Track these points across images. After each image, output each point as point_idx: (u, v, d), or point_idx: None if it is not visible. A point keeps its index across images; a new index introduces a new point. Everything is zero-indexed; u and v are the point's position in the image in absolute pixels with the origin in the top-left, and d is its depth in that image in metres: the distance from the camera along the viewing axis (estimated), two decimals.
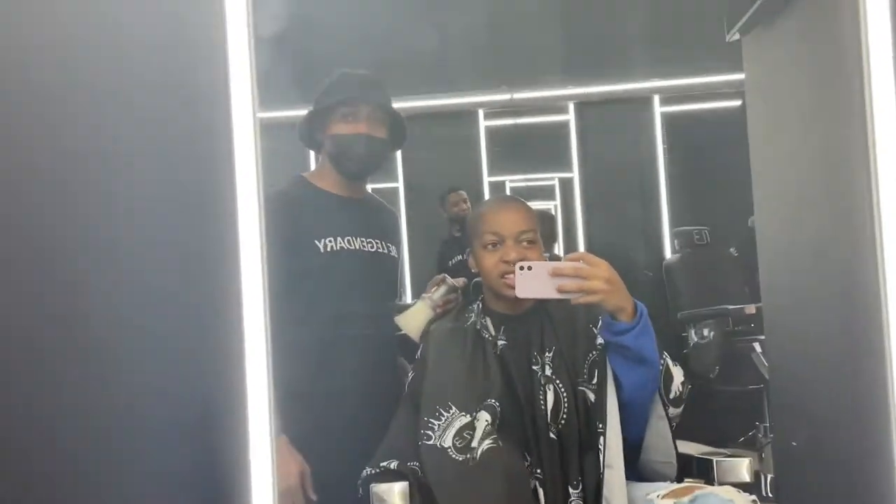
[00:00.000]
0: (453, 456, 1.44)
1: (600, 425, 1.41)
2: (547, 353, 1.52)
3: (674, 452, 1.47)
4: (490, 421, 1.45)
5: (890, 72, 1.11)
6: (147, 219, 1.06)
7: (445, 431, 1.48)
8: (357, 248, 1.79)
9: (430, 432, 1.49)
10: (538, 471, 1.45)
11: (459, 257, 4.24)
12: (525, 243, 1.53)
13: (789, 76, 1.55)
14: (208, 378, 1.05)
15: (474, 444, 1.44)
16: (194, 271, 1.05)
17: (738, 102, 4.60)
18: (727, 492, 1.31)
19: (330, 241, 1.75)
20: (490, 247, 1.55)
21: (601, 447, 1.40)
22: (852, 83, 1.18)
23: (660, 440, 1.47)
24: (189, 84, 1.07)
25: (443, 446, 1.46)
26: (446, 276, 1.87)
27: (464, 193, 4.40)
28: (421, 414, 1.53)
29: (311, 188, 1.83)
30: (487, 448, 1.42)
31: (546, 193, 5.01)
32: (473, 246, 1.60)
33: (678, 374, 1.49)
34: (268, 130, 1.09)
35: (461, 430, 1.47)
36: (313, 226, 1.76)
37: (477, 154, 4.91)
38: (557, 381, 1.48)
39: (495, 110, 4.91)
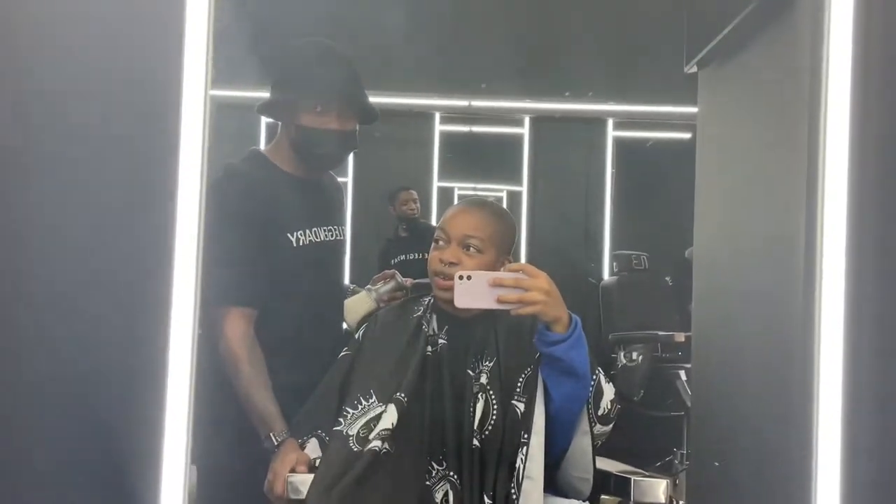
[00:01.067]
0: (351, 446, 1.43)
1: (525, 436, 1.43)
2: (486, 363, 1.52)
3: (591, 469, 1.49)
4: (393, 422, 1.44)
5: (845, 121, 1.15)
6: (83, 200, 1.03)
7: (357, 420, 1.47)
8: (322, 239, 1.77)
9: (342, 419, 1.49)
10: (452, 474, 1.45)
11: (402, 257, 4.23)
12: (470, 249, 1.52)
13: (741, 114, 1.59)
14: (129, 368, 1.03)
15: (370, 436, 1.44)
16: (124, 261, 1.03)
17: (688, 135, 4.73)
18: None
19: (301, 235, 1.72)
20: (438, 243, 1.56)
21: (522, 458, 1.41)
22: (801, 128, 1.22)
23: (581, 455, 1.49)
24: (140, 56, 1.05)
25: (348, 434, 1.46)
26: (396, 272, 1.86)
27: (414, 193, 4.38)
28: (341, 402, 1.53)
29: (273, 170, 1.75)
30: (370, 448, 1.42)
31: None
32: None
33: (609, 391, 1.50)
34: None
35: (371, 420, 1.46)
36: (284, 217, 1.71)
37: (429, 157, 4.92)
38: (490, 392, 1.48)
39: (452, 115, 4.93)
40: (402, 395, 1.48)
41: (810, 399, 1.15)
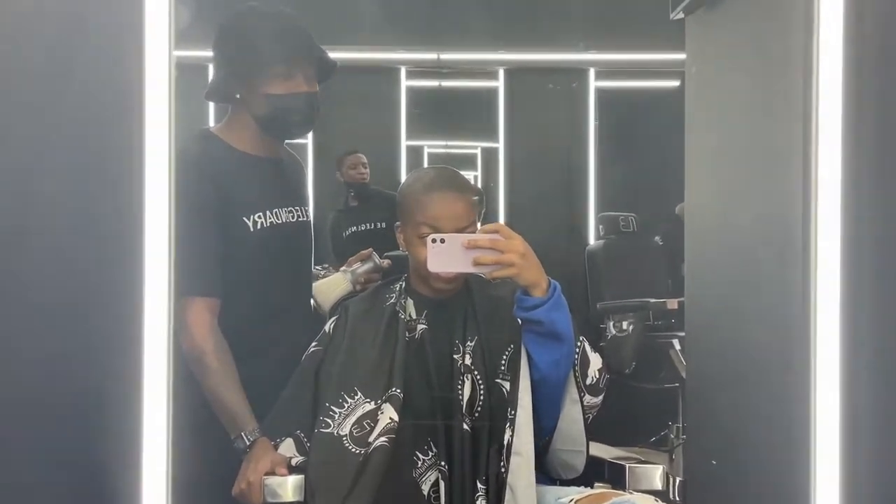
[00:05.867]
0: (348, 446, 1.46)
1: (511, 412, 1.46)
2: (469, 342, 1.55)
3: (584, 441, 1.53)
4: (393, 418, 1.47)
5: (838, 67, 1.16)
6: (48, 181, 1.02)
7: (346, 419, 1.49)
8: (284, 220, 1.77)
9: (329, 420, 1.50)
10: (442, 463, 1.48)
11: (354, 228, 4.15)
12: None
13: (731, 62, 1.60)
14: (103, 360, 1.03)
15: (371, 438, 1.46)
16: (95, 242, 1.03)
17: (676, 83, 4.73)
18: (645, 500, 1.37)
19: (259, 217, 1.71)
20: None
21: (509, 434, 1.44)
22: (794, 75, 1.23)
23: (571, 426, 1.53)
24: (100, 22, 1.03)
25: (340, 434, 1.48)
26: (373, 252, 1.86)
27: (362, 157, 4.24)
28: (322, 399, 1.54)
29: (226, 148, 1.75)
30: (379, 445, 1.44)
31: (467, 162, 5.04)
32: (406, 229, 1.60)
33: (596, 359, 1.54)
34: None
35: (362, 418, 1.49)
36: (239, 199, 1.70)
37: (396, 115, 4.87)
38: (475, 372, 1.52)
39: (419, 69, 4.88)
40: (397, 389, 1.50)
41: (809, 364, 1.18)
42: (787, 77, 1.27)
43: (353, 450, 1.46)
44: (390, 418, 1.47)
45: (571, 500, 1.42)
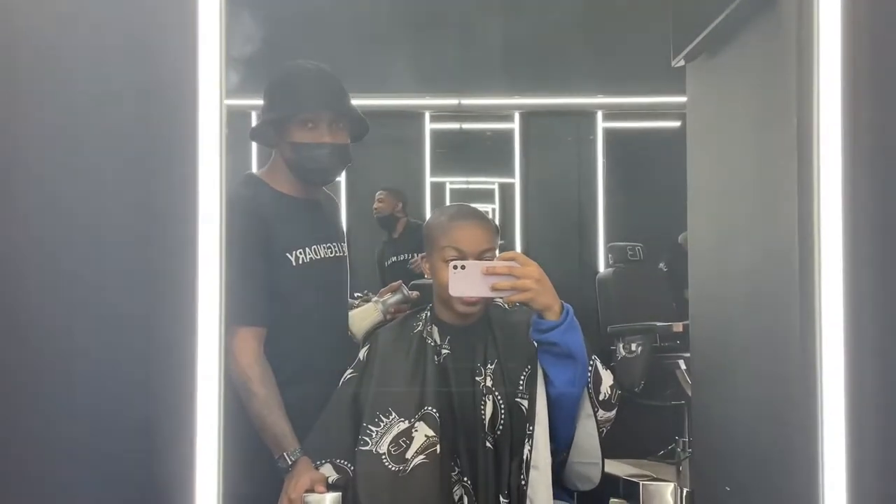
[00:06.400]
0: (386, 464, 1.47)
1: (530, 427, 1.45)
2: (489, 365, 1.55)
3: (599, 454, 1.53)
4: (430, 435, 1.47)
5: (836, 109, 1.16)
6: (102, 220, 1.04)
7: (383, 437, 1.50)
8: (323, 256, 1.78)
9: (367, 438, 1.51)
10: (466, 479, 1.47)
11: (393, 258, 4.21)
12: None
13: (730, 104, 1.61)
14: (156, 387, 1.04)
15: (409, 454, 1.46)
16: (150, 271, 1.04)
17: (678, 123, 4.74)
18: None
19: (300, 254, 1.73)
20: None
21: (528, 449, 1.43)
22: (789, 114, 1.23)
23: (587, 439, 1.53)
24: (155, 68, 1.05)
25: (378, 452, 1.48)
26: (402, 283, 1.87)
27: (381, 193, 4.31)
28: (362, 420, 1.54)
29: (269, 191, 1.77)
30: (420, 463, 1.44)
31: (486, 196, 5.07)
32: (432, 256, 1.61)
33: (607, 377, 1.54)
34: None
35: (398, 436, 1.49)
36: (283, 237, 1.72)
37: (421, 155, 4.92)
38: (496, 393, 1.52)
39: (442, 113, 4.93)
40: (431, 408, 1.50)
41: (812, 381, 1.16)
42: (783, 115, 1.26)
43: (392, 467, 1.46)
44: (426, 436, 1.47)
45: None
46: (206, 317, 1.03)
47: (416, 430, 1.48)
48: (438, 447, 1.46)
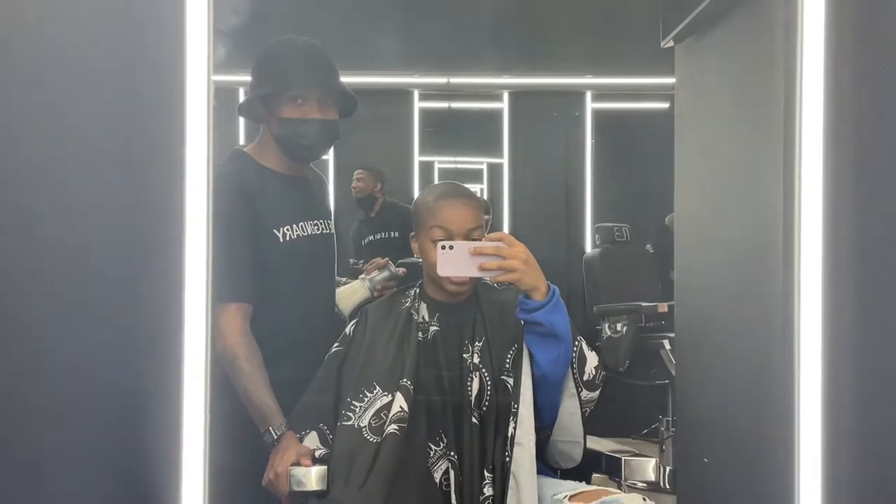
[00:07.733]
0: (366, 436, 1.48)
1: (515, 406, 1.47)
2: (477, 343, 1.57)
3: (581, 432, 1.55)
4: (403, 406, 1.48)
5: (820, 92, 1.17)
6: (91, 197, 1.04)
7: (366, 412, 1.51)
8: (310, 233, 1.78)
9: (350, 413, 1.52)
10: (452, 453, 1.49)
11: (371, 237, 4.18)
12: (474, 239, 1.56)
13: (718, 86, 1.61)
14: (143, 361, 1.04)
15: (385, 425, 1.47)
16: (137, 250, 1.04)
17: (666, 105, 4.74)
18: (633, 500, 1.37)
19: (288, 230, 1.73)
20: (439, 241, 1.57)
21: (513, 426, 1.45)
22: (775, 97, 1.24)
23: (570, 419, 1.54)
24: (142, 47, 1.05)
25: (360, 426, 1.49)
26: (389, 261, 1.87)
27: (360, 172, 4.25)
28: (344, 395, 1.55)
29: (257, 168, 1.76)
30: (391, 432, 1.46)
31: (474, 176, 5.07)
32: (420, 236, 1.62)
33: (592, 358, 1.56)
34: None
35: (379, 410, 1.50)
36: (270, 213, 1.72)
37: (409, 134, 4.91)
38: (483, 370, 1.54)
39: (431, 92, 4.92)
40: (407, 381, 1.52)
41: (790, 363, 1.18)
42: (770, 98, 1.27)
43: (371, 439, 1.47)
44: (400, 407, 1.48)
45: (566, 496, 1.43)
46: (192, 293, 1.04)
47: (394, 401, 1.50)
48: (405, 422, 1.47)
